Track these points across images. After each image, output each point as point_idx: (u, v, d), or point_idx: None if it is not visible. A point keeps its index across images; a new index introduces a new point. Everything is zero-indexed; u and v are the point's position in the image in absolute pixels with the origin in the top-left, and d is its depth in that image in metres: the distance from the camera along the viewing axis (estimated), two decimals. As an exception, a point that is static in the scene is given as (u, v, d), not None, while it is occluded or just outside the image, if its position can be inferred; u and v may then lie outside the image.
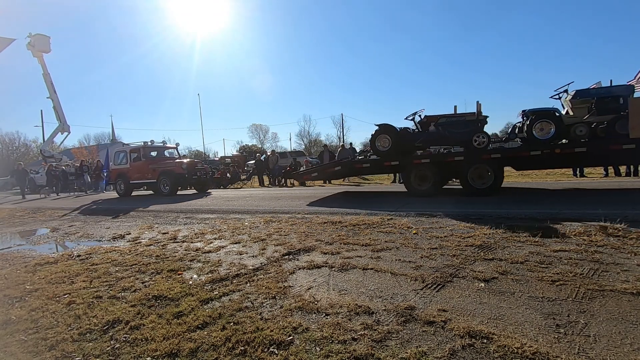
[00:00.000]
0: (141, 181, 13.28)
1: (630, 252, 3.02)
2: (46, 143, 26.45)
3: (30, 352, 2.03)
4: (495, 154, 6.98)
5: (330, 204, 7.45)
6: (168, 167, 12.66)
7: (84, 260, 4.06)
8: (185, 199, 10.79)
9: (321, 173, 9.84)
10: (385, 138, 7.94)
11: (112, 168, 14.04)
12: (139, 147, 13.45)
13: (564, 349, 1.69)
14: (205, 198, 10.68)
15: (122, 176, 13.52)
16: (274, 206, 7.60)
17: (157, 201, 10.34)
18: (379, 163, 8.27)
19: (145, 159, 13.11)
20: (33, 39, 21.39)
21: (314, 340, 1.92)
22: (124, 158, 13.69)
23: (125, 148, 13.95)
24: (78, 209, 9.86)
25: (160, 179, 12.48)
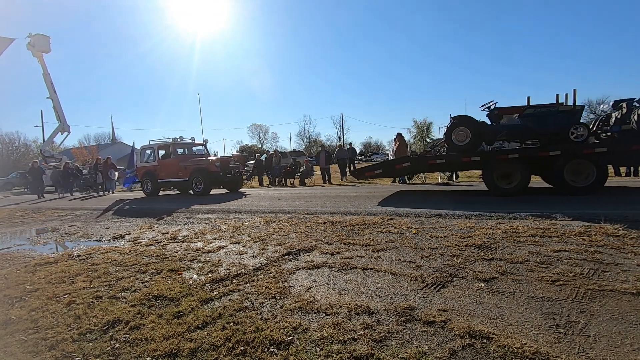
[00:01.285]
0: (171, 180, 12.39)
1: (630, 252, 3.02)
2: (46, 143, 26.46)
3: (30, 352, 2.03)
4: (600, 148, 6.28)
5: (331, 203, 7.44)
6: (201, 164, 11.72)
7: (84, 260, 4.06)
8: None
9: (387, 170, 8.93)
10: (464, 131, 7.22)
11: (138, 166, 13.19)
12: (168, 144, 12.57)
13: (564, 349, 1.69)
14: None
15: (150, 175, 12.69)
16: (274, 206, 7.60)
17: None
18: (455, 159, 7.52)
19: (176, 156, 12.32)
20: (33, 39, 21.40)
21: (314, 340, 1.92)
22: (152, 155, 12.84)
23: (153, 145, 12.98)
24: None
25: (192, 178, 11.59)
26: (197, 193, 11.54)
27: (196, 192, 11.57)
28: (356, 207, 6.63)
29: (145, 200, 11.38)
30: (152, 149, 12.91)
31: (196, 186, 11.56)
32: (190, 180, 11.67)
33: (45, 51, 22.01)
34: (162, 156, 12.60)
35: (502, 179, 6.93)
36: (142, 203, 10.60)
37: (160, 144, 12.77)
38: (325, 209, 6.66)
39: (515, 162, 6.77)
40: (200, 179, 11.47)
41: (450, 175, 12.01)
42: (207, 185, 11.46)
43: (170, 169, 12.23)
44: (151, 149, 13.00)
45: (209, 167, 11.52)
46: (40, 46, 21.60)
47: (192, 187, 11.63)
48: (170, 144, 12.52)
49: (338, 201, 7.78)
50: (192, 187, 11.64)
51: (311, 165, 16.34)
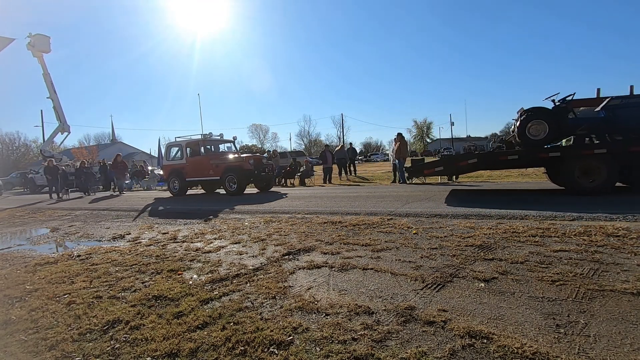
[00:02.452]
0: (201, 178, 11.72)
1: (630, 252, 3.02)
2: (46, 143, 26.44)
3: (30, 352, 2.03)
4: None
5: (331, 203, 7.44)
6: (235, 162, 11.16)
7: (84, 260, 4.06)
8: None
9: (449, 167, 8.33)
10: (541, 124, 6.66)
11: (164, 164, 12.54)
12: (198, 141, 11.94)
13: (564, 349, 1.69)
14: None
15: (177, 173, 12.00)
16: (274, 206, 7.60)
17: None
18: (531, 154, 6.93)
19: (206, 154, 11.74)
20: (33, 39, 21.39)
21: (314, 340, 1.92)
22: (179, 153, 12.18)
23: (180, 142, 12.25)
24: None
25: (225, 176, 10.96)
26: (230, 192, 10.95)
27: (229, 192, 10.98)
28: (356, 207, 6.63)
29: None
30: (180, 146, 12.22)
31: (229, 185, 10.95)
32: (222, 178, 11.08)
33: (45, 51, 22.00)
34: (191, 153, 11.95)
35: (587, 176, 6.34)
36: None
37: (188, 141, 12.08)
38: (325, 209, 6.66)
39: (602, 158, 6.18)
40: (234, 177, 10.86)
41: (451, 175, 11.99)
42: (242, 184, 10.90)
43: (199, 167, 11.57)
44: (178, 146, 12.31)
45: (244, 165, 10.94)
46: (40, 46, 21.59)
47: (225, 186, 11.03)
48: (200, 140, 11.87)
49: (338, 201, 7.78)
50: (225, 186, 11.04)
51: (311, 165, 16.35)
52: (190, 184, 12.22)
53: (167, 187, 12.53)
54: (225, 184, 11.05)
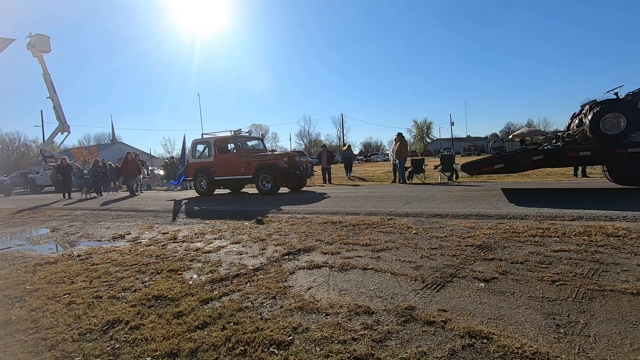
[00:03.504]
0: (231, 177, 11.03)
1: (630, 252, 3.02)
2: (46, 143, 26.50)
3: (30, 352, 2.03)
4: None
5: (330, 203, 7.44)
6: (269, 160, 10.48)
7: (84, 260, 4.06)
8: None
9: (511, 164, 7.68)
10: (618, 118, 6.20)
11: (190, 162, 11.71)
12: (228, 137, 11.22)
13: (564, 349, 1.69)
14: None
15: (205, 172, 11.30)
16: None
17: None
18: (606, 151, 6.42)
19: (237, 151, 11.02)
20: (33, 39, 21.42)
21: (314, 340, 1.92)
22: (207, 150, 11.54)
23: (208, 139, 11.60)
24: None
25: (258, 175, 10.30)
26: (263, 192, 10.28)
27: (262, 191, 10.31)
28: (356, 207, 6.62)
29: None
30: (207, 143, 11.53)
31: (262, 184, 10.31)
32: (255, 177, 10.42)
33: (45, 51, 22.03)
34: (219, 151, 11.31)
35: None
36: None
37: (217, 138, 11.42)
38: (325, 208, 6.66)
39: None
40: (269, 176, 10.17)
41: (450, 175, 12.00)
42: (277, 183, 10.25)
43: (229, 165, 10.92)
44: (205, 143, 11.63)
45: (279, 163, 10.22)
46: (40, 46, 21.63)
47: (258, 185, 10.38)
48: (230, 137, 11.20)
49: (338, 201, 7.78)
50: (258, 186, 10.39)
51: (311, 166, 16.38)
52: (219, 183, 11.57)
53: (194, 187, 11.88)
54: (258, 183, 10.41)
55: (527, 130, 45.41)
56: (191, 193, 12.91)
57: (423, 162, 13.06)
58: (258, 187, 10.45)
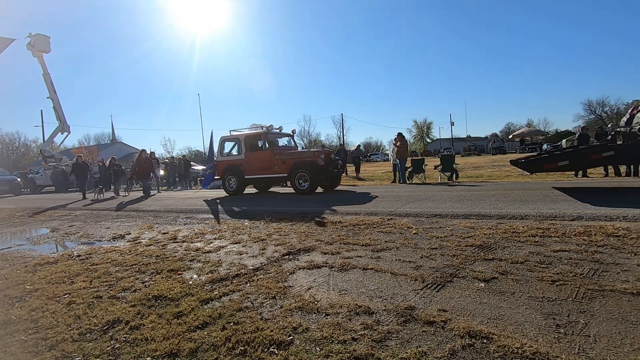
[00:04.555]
0: (263, 176, 10.45)
1: (630, 252, 3.02)
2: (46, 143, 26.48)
3: (30, 352, 2.03)
4: None
5: (330, 203, 7.44)
6: (306, 157, 9.88)
7: (84, 260, 4.06)
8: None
9: (577, 161, 7.15)
10: None
11: (218, 160, 11.15)
12: (260, 134, 10.60)
13: (564, 349, 1.69)
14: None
15: (234, 170, 10.76)
16: (274, 206, 7.59)
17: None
18: None
19: (270, 148, 10.34)
20: (33, 39, 21.41)
21: (314, 340, 1.92)
22: (236, 148, 10.99)
23: (238, 135, 10.98)
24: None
25: (294, 173, 9.70)
26: (299, 191, 9.70)
27: (299, 191, 9.73)
28: (356, 207, 6.62)
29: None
30: (237, 140, 10.95)
31: (299, 183, 9.71)
32: (290, 176, 9.82)
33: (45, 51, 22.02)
34: (250, 148, 10.71)
35: None
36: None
37: (248, 134, 10.88)
38: (325, 208, 6.65)
39: None
40: (306, 174, 9.54)
41: (450, 175, 12.01)
42: (314, 182, 9.62)
43: (261, 163, 10.34)
44: (235, 140, 11.05)
45: (317, 161, 9.60)
46: (40, 46, 21.61)
47: (294, 184, 9.79)
48: (263, 133, 10.53)
49: (338, 201, 7.77)
50: (294, 185, 9.80)
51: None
52: (250, 182, 11.02)
53: (222, 186, 11.32)
54: (294, 182, 9.80)
55: (527, 130, 45.44)
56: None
57: (423, 162, 13.06)
58: (294, 186, 9.85)
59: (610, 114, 56.63)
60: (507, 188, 8.17)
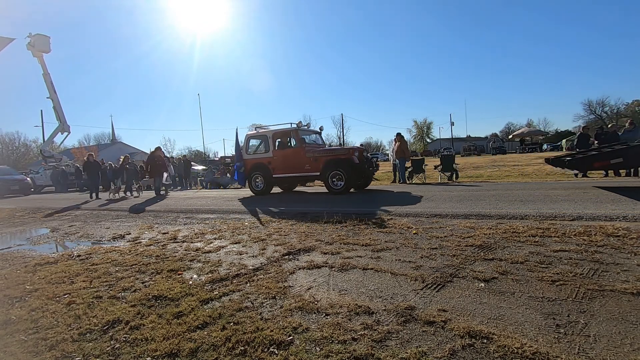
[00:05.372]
0: (293, 174, 9.94)
1: (630, 252, 3.02)
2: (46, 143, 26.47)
3: (30, 352, 2.03)
4: None
5: (331, 203, 7.44)
6: (340, 155, 9.37)
7: (84, 260, 4.06)
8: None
9: (633, 158, 6.75)
10: None
11: (245, 158, 10.58)
12: (289, 131, 10.10)
13: (564, 349, 1.69)
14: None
15: (261, 168, 10.25)
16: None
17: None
18: None
19: (301, 146, 9.78)
20: (33, 39, 21.40)
21: (314, 340, 1.92)
22: (263, 145, 10.49)
23: (265, 132, 10.48)
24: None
25: (328, 172, 9.16)
26: (334, 191, 9.15)
27: (333, 190, 9.17)
28: (356, 207, 6.62)
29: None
30: (264, 137, 10.43)
31: (332, 182, 9.18)
32: (323, 174, 9.28)
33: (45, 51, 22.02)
34: (279, 145, 10.26)
35: None
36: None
37: (277, 131, 10.33)
38: (325, 209, 6.65)
39: None
40: (341, 173, 8.98)
41: (450, 175, 12.01)
42: (350, 181, 9.10)
43: (291, 161, 9.83)
44: (262, 137, 10.55)
45: (352, 159, 9.13)
46: (40, 46, 21.61)
47: (328, 183, 9.24)
48: (293, 130, 10.04)
49: (338, 201, 7.77)
50: (328, 184, 9.25)
51: None
52: (277, 181, 10.49)
53: (248, 185, 10.79)
54: (327, 181, 9.23)
55: (527, 130, 45.46)
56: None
57: (423, 162, 13.06)
58: (328, 185, 9.31)
59: (610, 114, 56.69)
60: (507, 188, 8.17)
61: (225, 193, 12.78)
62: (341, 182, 9.07)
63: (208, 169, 20.96)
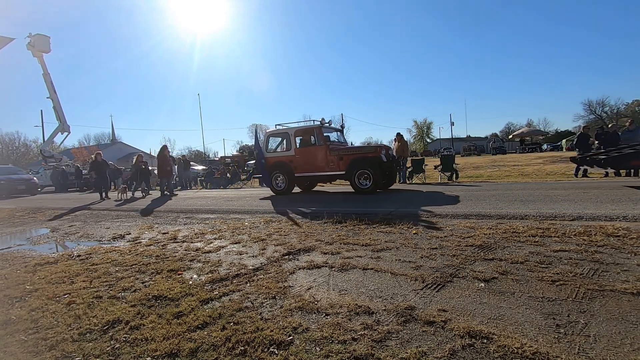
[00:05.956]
0: (316, 173, 9.66)
1: (630, 252, 3.02)
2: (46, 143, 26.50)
3: (30, 352, 2.03)
4: None
5: (331, 203, 7.44)
6: (368, 153, 9.11)
7: (84, 260, 4.06)
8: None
9: None
10: None
11: (266, 157, 10.28)
12: (312, 128, 9.72)
13: (564, 349, 1.69)
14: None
15: (283, 167, 9.95)
16: (274, 206, 7.59)
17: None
18: None
19: (325, 144, 9.47)
20: (33, 39, 21.42)
21: (314, 340, 1.92)
22: (284, 143, 10.22)
23: (287, 130, 10.13)
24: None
25: (354, 171, 8.89)
26: (360, 190, 8.86)
27: (360, 189, 8.87)
28: (356, 207, 6.62)
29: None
30: (286, 135, 10.13)
31: (358, 181, 8.89)
32: (349, 173, 9.00)
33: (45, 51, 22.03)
34: (301, 143, 10.01)
35: None
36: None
37: (299, 129, 10.05)
38: (325, 209, 6.65)
39: None
40: (369, 172, 8.68)
41: (450, 175, 12.01)
42: (378, 180, 8.78)
43: (315, 160, 9.54)
44: (283, 135, 10.26)
45: (380, 157, 8.86)
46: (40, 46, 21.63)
47: (354, 182, 8.95)
48: (316, 127, 9.67)
49: (338, 201, 7.77)
50: (354, 183, 8.97)
51: None
52: (300, 180, 10.22)
53: (269, 184, 10.45)
54: (354, 180, 8.94)
55: (527, 130, 45.47)
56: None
57: (423, 162, 13.06)
58: (354, 184, 9.02)
59: (610, 114, 56.67)
60: (507, 188, 8.17)
61: (225, 193, 12.78)
62: (368, 181, 8.78)
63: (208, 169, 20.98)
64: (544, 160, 18.70)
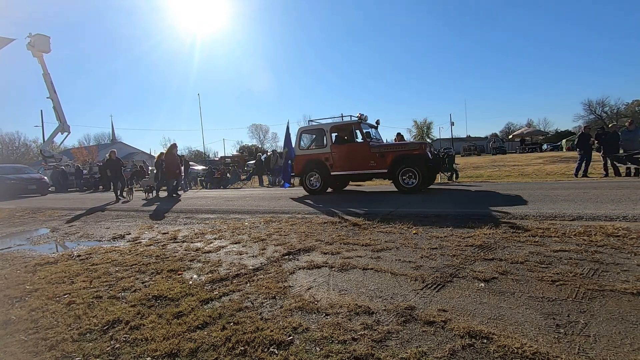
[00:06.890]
0: (355, 172, 9.12)
1: (630, 252, 3.02)
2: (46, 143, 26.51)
3: (30, 352, 2.03)
4: None
5: (331, 203, 7.44)
6: (412, 150, 8.63)
7: (84, 260, 4.06)
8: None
9: None
10: None
11: (297, 154, 9.76)
12: (350, 124, 9.36)
13: (564, 349, 1.69)
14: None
15: (317, 165, 9.41)
16: (274, 206, 7.59)
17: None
18: None
19: (364, 140, 9.06)
20: (33, 39, 21.45)
21: (314, 340, 1.92)
22: (319, 140, 9.73)
23: (323, 126, 9.53)
24: None
25: (397, 169, 8.44)
26: (405, 189, 8.37)
27: (404, 188, 8.39)
28: (356, 206, 6.62)
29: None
30: (321, 131, 9.58)
31: (403, 180, 8.44)
32: (392, 172, 8.55)
33: (45, 51, 22.06)
34: (337, 140, 9.56)
35: None
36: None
37: (335, 124, 9.49)
38: (325, 208, 6.65)
39: None
40: (415, 170, 8.24)
41: (450, 175, 12.00)
42: (425, 179, 8.45)
43: (353, 157, 9.04)
44: (317, 131, 9.76)
45: (425, 154, 8.46)
46: (40, 46, 21.65)
47: (399, 181, 8.47)
48: (354, 123, 9.27)
49: (338, 201, 7.77)
50: (399, 182, 8.47)
51: None
52: (336, 179, 9.66)
53: (300, 183, 10.06)
54: (398, 179, 8.46)
55: (527, 130, 45.46)
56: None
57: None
58: (398, 183, 8.52)
59: (610, 114, 56.65)
60: (507, 188, 8.17)
61: (225, 193, 12.78)
62: (413, 179, 8.31)
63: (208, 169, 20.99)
64: (544, 160, 18.71)
